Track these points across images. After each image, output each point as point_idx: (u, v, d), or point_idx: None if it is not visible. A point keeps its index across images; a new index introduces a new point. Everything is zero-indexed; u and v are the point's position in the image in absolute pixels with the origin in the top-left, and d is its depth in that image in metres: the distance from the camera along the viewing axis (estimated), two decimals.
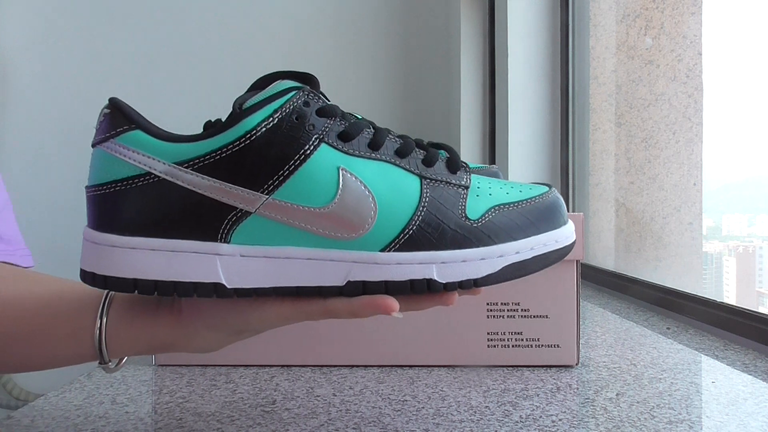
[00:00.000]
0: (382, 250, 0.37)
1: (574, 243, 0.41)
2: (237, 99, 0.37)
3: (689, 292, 0.85)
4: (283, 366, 0.60)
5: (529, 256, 0.39)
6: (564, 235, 0.40)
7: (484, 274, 0.38)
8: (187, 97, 1.89)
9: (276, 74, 0.39)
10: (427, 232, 0.37)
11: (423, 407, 0.49)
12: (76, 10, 1.94)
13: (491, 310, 0.59)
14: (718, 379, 0.56)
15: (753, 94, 0.93)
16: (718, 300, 0.78)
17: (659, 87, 1.10)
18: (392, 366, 0.60)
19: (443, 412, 0.48)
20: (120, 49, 1.93)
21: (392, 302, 0.36)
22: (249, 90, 0.39)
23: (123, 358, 0.43)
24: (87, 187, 0.38)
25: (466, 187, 0.39)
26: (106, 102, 0.38)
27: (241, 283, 0.37)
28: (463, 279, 0.37)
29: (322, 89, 0.40)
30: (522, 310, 0.59)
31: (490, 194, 0.40)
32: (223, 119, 0.38)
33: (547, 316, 0.59)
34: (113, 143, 0.37)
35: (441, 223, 0.38)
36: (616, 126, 1.26)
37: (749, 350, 0.66)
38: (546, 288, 0.59)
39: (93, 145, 0.38)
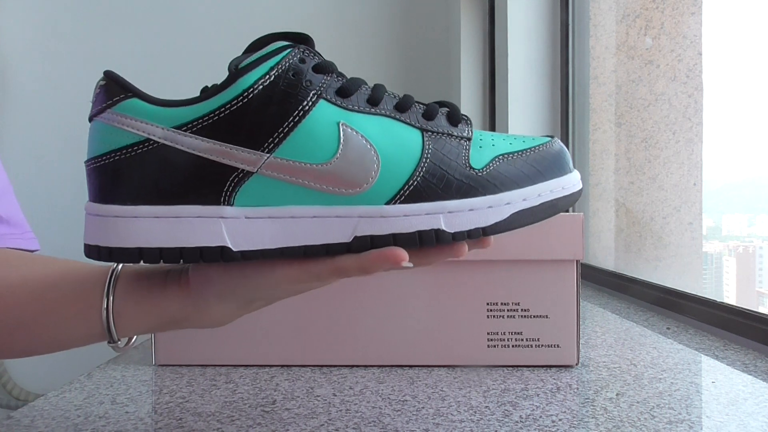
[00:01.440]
0: (388, 203, 0.37)
1: (581, 191, 0.41)
2: (232, 60, 0.37)
3: (689, 292, 0.85)
4: (283, 366, 0.60)
5: (537, 203, 0.38)
6: (571, 182, 0.40)
7: (492, 222, 0.37)
8: (189, 95, 1.89)
9: (270, 36, 0.38)
10: (432, 183, 0.37)
11: (423, 407, 0.49)
12: (76, 10, 1.94)
13: (491, 310, 0.59)
14: (718, 379, 0.56)
15: (753, 94, 0.93)
16: (718, 300, 0.78)
17: (659, 87, 1.10)
18: (392, 366, 0.60)
19: (443, 412, 0.48)
20: (120, 49, 1.93)
21: (401, 253, 0.36)
22: (244, 53, 0.38)
23: (133, 338, 0.43)
24: (86, 161, 0.37)
25: (468, 139, 0.39)
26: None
27: (247, 246, 0.36)
28: (471, 228, 0.37)
29: None
30: (522, 310, 0.59)
31: (493, 145, 0.39)
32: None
33: (547, 316, 0.59)
34: (110, 113, 0.36)
35: (445, 173, 0.37)
36: (616, 126, 1.26)
37: (749, 350, 0.66)
38: (546, 288, 0.59)
39: (90, 119, 0.37)
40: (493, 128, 1.64)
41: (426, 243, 0.37)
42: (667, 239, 1.09)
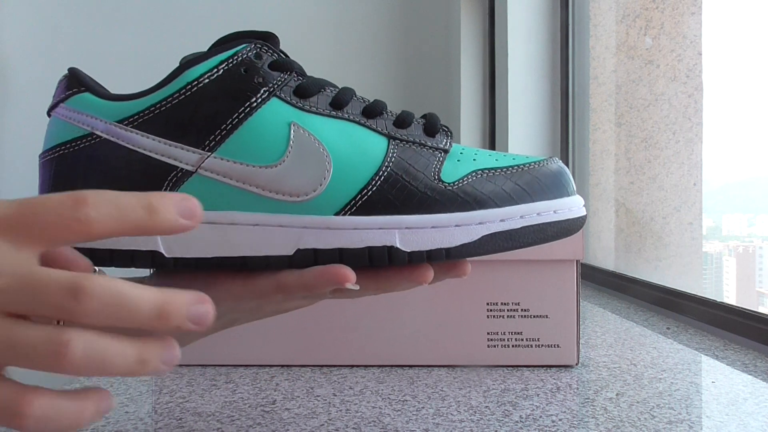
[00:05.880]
0: (337, 214, 0.33)
1: (582, 219, 0.35)
2: (186, 56, 0.35)
3: (689, 292, 0.85)
4: (283, 366, 0.60)
5: (518, 226, 0.33)
6: (567, 205, 0.34)
7: (459, 243, 0.32)
8: None
9: (235, 34, 0.36)
10: (389, 194, 0.33)
11: (423, 407, 0.49)
12: (76, 10, 1.94)
13: (491, 310, 0.59)
14: (718, 379, 0.56)
15: (753, 94, 0.93)
16: (718, 300, 0.78)
17: (659, 87, 1.10)
18: (392, 366, 0.60)
19: (443, 412, 0.48)
20: (120, 50, 1.93)
21: (347, 272, 0.31)
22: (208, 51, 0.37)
23: None
24: (39, 156, 0.36)
25: (445, 151, 0.35)
26: None
27: (181, 252, 0.33)
28: (433, 248, 0.32)
29: None
30: (522, 310, 0.59)
31: (474, 160, 0.35)
32: None
33: (547, 316, 0.59)
34: (62, 107, 0.36)
35: (407, 184, 0.33)
36: (616, 126, 1.26)
37: (749, 350, 0.66)
38: (546, 288, 0.59)
39: (48, 113, 0.37)
40: (493, 129, 1.64)
41: (377, 261, 0.32)
42: (667, 239, 1.09)
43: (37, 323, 0.24)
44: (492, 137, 1.66)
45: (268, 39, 0.36)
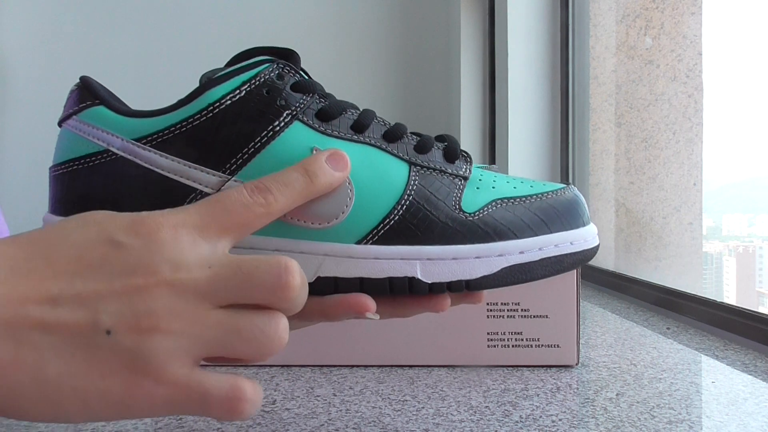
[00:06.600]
0: (359, 243, 0.33)
1: (596, 248, 0.36)
2: (206, 73, 0.35)
3: (689, 292, 0.85)
4: (283, 366, 0.60)
5: (537, 258, 0.34)
6: (582, 236, 0.35)
7: (479, 275, 0.33)
8: None
9: (254, 49, 0.36)
10: (411, 224, 0.33)
11: (423, 407, 0.49)
12: (76, 10, 1.94)
13: (491, 310, 0.59)
14: (718, 379, 0.56)
15: (753, 94, 0.93)
16: (718, 300, 0.78)
17: (659, 87, 1.10)
18: (392, 366, 0.60)
19: (443, 412, 0.48)
20: (121, 50, 1.93)
21: (367, 301, 0.32)
22: (225, 67, 0.36)
23: None
24: (50, 168, 0.36)
25: (465, 178, 0.35)
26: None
27: None
28: (453, 279, 0.33)
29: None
30: (522, 310, 0.59)
31: (493, 187, 0.35)
32: None
33: (547, 316, 0.59)
34: (75, 120, 0.35)
35: (428, 214, 0.33)
36: (616, 126, 1.26)
37: (749, 350, 0.66)
38: (546, 288, 0.59)
39: (59, 124, 0.36)
40: (493, 129, 1.64)
41: (398, 292, 0.33)
42: (667, 239, 1.09)
43: (248, 312, 0.26)
44: (492, 137, 1.66)
45: (288, 57, 0.35)
